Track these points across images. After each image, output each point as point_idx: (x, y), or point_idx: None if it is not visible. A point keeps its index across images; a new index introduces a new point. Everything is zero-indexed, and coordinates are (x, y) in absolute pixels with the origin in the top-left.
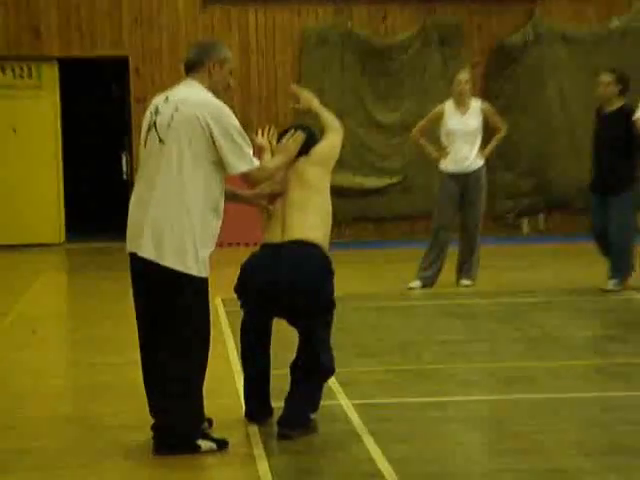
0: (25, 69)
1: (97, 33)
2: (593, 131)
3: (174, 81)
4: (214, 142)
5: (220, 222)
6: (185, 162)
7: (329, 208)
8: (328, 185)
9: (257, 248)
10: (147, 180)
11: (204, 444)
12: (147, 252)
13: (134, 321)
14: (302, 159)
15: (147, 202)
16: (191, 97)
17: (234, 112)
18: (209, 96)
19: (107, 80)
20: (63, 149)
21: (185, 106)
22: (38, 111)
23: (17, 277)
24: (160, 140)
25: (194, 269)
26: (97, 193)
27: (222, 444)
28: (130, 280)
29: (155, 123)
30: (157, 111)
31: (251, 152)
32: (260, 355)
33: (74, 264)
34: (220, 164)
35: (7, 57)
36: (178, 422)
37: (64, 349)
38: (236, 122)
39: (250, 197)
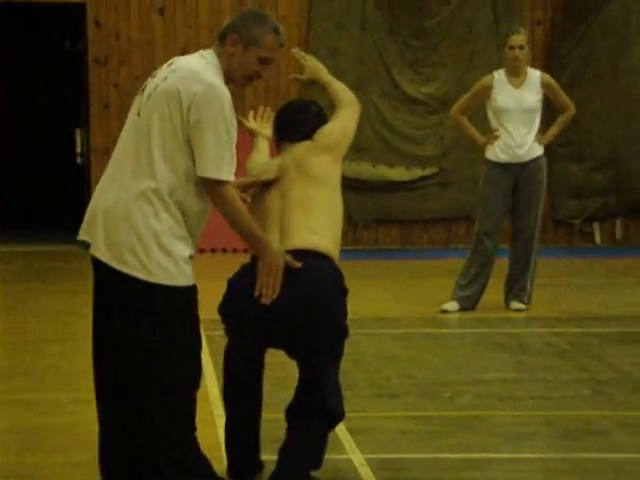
0: None
1: None
2: None
3: (147, 37)
4: (189, 129)
5: (208, 209)
6: (154, 140)
7: (339, 207)
8: (339, 178)
9: (248, 258)
10: (113, 158)
11: None
12: (98, 251)
13: (88, 346)
14: (304, 145)
15: (108, 185)
16: (187, 67)
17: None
18: (210, 72)
19: (57, 33)
20: None
21: (174, 76)
22: None
23: None
24: (138, 112)
25: (164, 275)
26: (40, 181)
27: None
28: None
29: (144, 90)
30: (154, 75)
31: (232, 163)
32: (248, 394)
33: (7, 272)
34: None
35: None
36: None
37: None
38: (228, 114)
39: None
